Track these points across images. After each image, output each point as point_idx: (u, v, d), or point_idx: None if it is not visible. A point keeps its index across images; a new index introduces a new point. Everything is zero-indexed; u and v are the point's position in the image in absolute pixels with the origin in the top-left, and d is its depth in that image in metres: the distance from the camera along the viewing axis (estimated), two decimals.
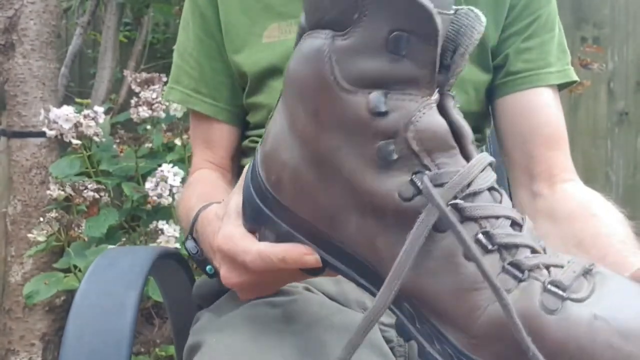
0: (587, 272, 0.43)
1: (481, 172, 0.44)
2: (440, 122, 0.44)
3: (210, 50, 0.85)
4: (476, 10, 0.45)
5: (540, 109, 0.81)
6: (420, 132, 0.43)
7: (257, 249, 0.52)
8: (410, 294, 0.43)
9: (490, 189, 0.45)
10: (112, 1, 2.16)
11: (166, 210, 1.62)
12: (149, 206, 1.64)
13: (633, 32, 2.53)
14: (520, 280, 0.41)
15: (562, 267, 0.42)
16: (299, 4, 0.83)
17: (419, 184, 0.42)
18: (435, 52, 0.42)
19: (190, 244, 0.68)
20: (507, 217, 0.43)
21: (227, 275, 0.57)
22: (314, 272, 0.51)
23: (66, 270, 1.62)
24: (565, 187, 0.78)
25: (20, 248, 1.84)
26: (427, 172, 0.43)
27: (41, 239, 1.55)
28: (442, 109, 0.45)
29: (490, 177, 0.45)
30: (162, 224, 1.55)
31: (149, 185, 1.55)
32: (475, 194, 0.43)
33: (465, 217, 0.42)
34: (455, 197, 0.42)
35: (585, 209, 0.74)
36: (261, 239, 0.52)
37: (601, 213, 0.73)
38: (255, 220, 0.52)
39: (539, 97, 0.81)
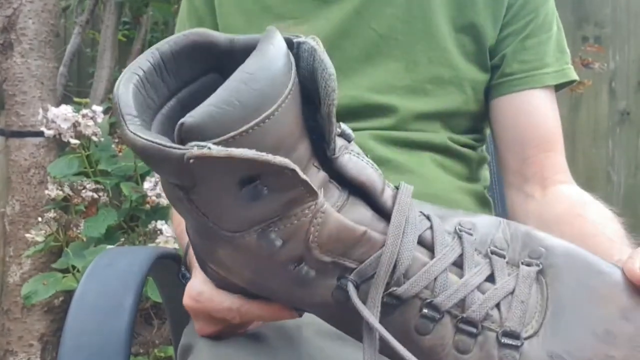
0: (538, 278, 0.43)
1: (403, 234, 0.42)
2: (338, 224, 0.41)
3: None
4: (319, 52, 0.41)
5: (534, 110, 0.81)
6: (324, 246, 0.41)
7: (235, 307, 0.51)
8: None
9: (420, 238, 0.43)
10: (111, 0, 2.15)
11: (165, 210, 1.62)
12: (147, 206, 1.63)
13: (634, 32, 2.53)
14: (476, 336, 0.41)
15: (512, 293, 0.42)
16: (298, 5, 0.83)
17: (344, 286, 0.42)
18: (297, 174, 0.38)
19: (185, 273, 0.67)
20: (444, 271, 0.42)
21: (204, 329, 0.58)
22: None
23: (65, 271, 1.62)
24: (557, 190, 0.78)
25: (18, 248, 1.83)
26: (349, 276, 0.42)
27: (39, 239, 1.54)
28: (342, 170, 0.43)
29: (420, 224, 0.43)
30: (161, 224, 1.55)
31: (147, 185, 1.54)
32: (406, 268, 0.42)
33: (404, 300, 0.42)
34: (388, 285, 0.42)
35: (572, 210, 0.74)
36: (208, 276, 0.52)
37: (587, 213, 0.72)
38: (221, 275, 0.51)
39: (533, 99, 0.81)
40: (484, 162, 0.91)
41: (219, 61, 0.44)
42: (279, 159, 0.36)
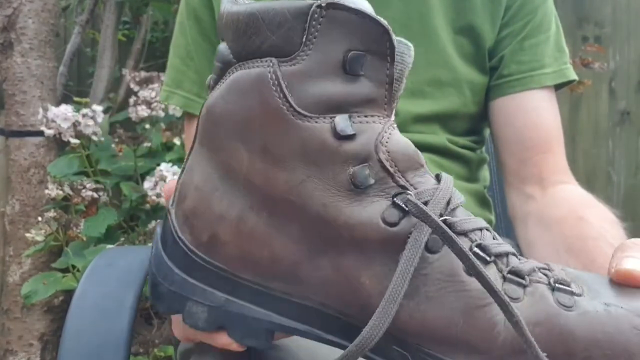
0: (566, 272, 0.43)
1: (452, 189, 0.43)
2: (407, 142, 0.42)
3: (208, 54, 0.85)
4: (399, 38, 0.43)
5: (531, 111, 0.81)
6: (392, 153, 0.40)
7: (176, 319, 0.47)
8: (404, 330, 0.40)
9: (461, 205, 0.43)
10: (111, 0, 2.15)
11: (165, 210, 1.61)
12: (147, 206, 1.63)
13: (634, 31, 2.53)
14: (524, 286, 0.40)
15: (548, 269, 0.41)
16: None
17: (403, 205, 0.40)
18: (392, 70, 0.41)
19: None
20: (487, 229, 0.42)
21: (175, 331, 0.52)
22: (249, 336, 0.43)
23: (65, 270, 1.61)
24: (556, 191, 0.78)
25: (18, 248, 1.83)
26: (407, 192, 0.40)
27: (39, 238, 1.54)
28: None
29: (459, 194, 0.43)
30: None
31: (147, 184, 1.54)
32: (455, 209, 0.42)
33: (457, 232, 0.40)
34: (441, 215, 0.40)
35: (574, 212, 0.74)
36: (187, 319, 0.43)
37: (589, 216, 0.72)
38: (176, 298, 0.43)
39: (531, 100, 0.81)
40: (484, 163, 0.91)
41: None
42: (393, 36, 0.40)
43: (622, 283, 0.41)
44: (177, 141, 1.67)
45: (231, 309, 0.42)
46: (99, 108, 1.66)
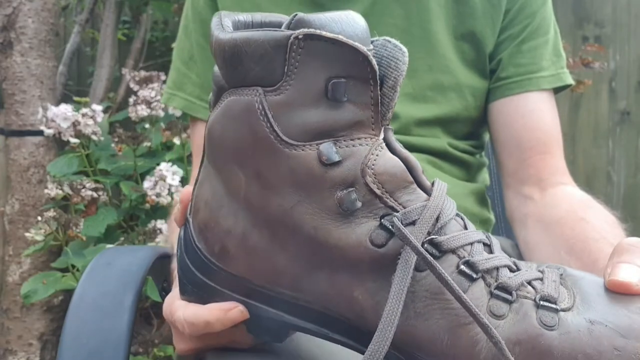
0: (561, 278, 0.43)
1: (444, 202, 0.43)
2: (395, 161, 0.42)
3: (211, 57, 0.84)
4: (393, 41, 0.44)
5: (530, 113, 0.81)
6: (378, 175, 0.41)
7: (182, 315, 0.48)
8: (400, 341, 0.41)
9: (455, 216, 0.44)
10: None
11: (165, 209, 1.61)
12: (147, 205, 1.63)
13: (635, 31, 2.53)
14: (510, 302, 0.40)
15: (541, 279, 0.42)
16: (299, 9, 0.82)
17: (390, 227, 0.41)
18: (376, 91, 0.42)
19: (166, 288, 0.65)
20: (479, 241, 0.43)
21: (176, 343, 0.54)
22: (266, 333, 0.47)
23: (64, 270, 1.61)
24: (555, 192, 0.78)
25: (18, 247, 1.83)
26: (395, 213, 0.41)
27: (39, 238, 1.54)
28: (388, 145, 0.44)
29: (452, 205, 0.44)
30: (160, 224, 1.55)
31: (147, 184, 1.54)
32: (445, 225, 0.42)
33: (444, 251, 0.41)
34: (429, 233, 0.41)
35: (574, 213, 0.73)
36: None
37: (590, 217, 0.72)
38: (200, 295, 0.47)
39: (529, 102, 0.81)
40: (483, 167, 0.91)
41: None
42: (373, 61, 0.41)
43: (617, 292, 0.41)
44: (176, 141, 1.66)
45: (248, 309, 0.45)
46: (98, 107, 1.65)
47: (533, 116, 0.82)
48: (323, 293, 0.43)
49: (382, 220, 0.41)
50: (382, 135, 0.43)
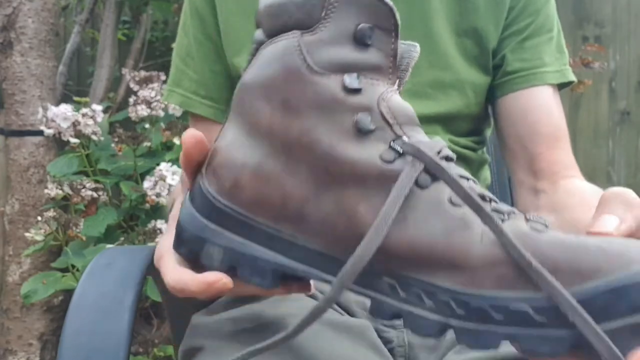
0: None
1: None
2: (406, 104, 0.49)
3: (210, 53, 0.85)
4: (409, 42, 0.51)
5: (539, 107, 0.82)
6: (392, 108, 0.48)
7: (168, 278, 0.50)
8: (393, 254, 0.44)
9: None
10: None
11: (165, 209, 1.61)
12: (147, 205, 1.63)
13: (635, 31, 2.53)
14: (503, 220, 0.45)
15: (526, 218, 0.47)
16: None
17: (398, 149, 0.46)
18: (396, 44, 0.48)
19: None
20: (473, 181, 0.47)
21: (167, 278, 0.53)
22: (257, 275, 0.49)
23: (64, 270, 1.62)
24: (567, 184, 0.79)
25: (18, 247, 1.83)
26: (404, 137, 0.47)
27: (39, 238, 1.54)
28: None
29: (451, 152, 0.48)
30: (160, 223, 1.55)
31: (147, 184, 1.54)
32: (445, 157, 0.47)
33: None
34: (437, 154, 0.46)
35: (587, 201, 0.74)
36: (204, 259, 0.50)
37: None
38: (196, 241, 0.50)
39: (538, 96, 0.82)
40: (485, 164, 0.91)
41: None
42: (397, 14, 0.48)
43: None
44: (176, 141, 1.67)
45: (244, 250, 0.49)
46: (98, 107, 1.66)
47: (543, 110, 0.82)
48: (327, 214, 0.46)
49: (392, 143, 0.46)
50: (396, 87, 0.49)
